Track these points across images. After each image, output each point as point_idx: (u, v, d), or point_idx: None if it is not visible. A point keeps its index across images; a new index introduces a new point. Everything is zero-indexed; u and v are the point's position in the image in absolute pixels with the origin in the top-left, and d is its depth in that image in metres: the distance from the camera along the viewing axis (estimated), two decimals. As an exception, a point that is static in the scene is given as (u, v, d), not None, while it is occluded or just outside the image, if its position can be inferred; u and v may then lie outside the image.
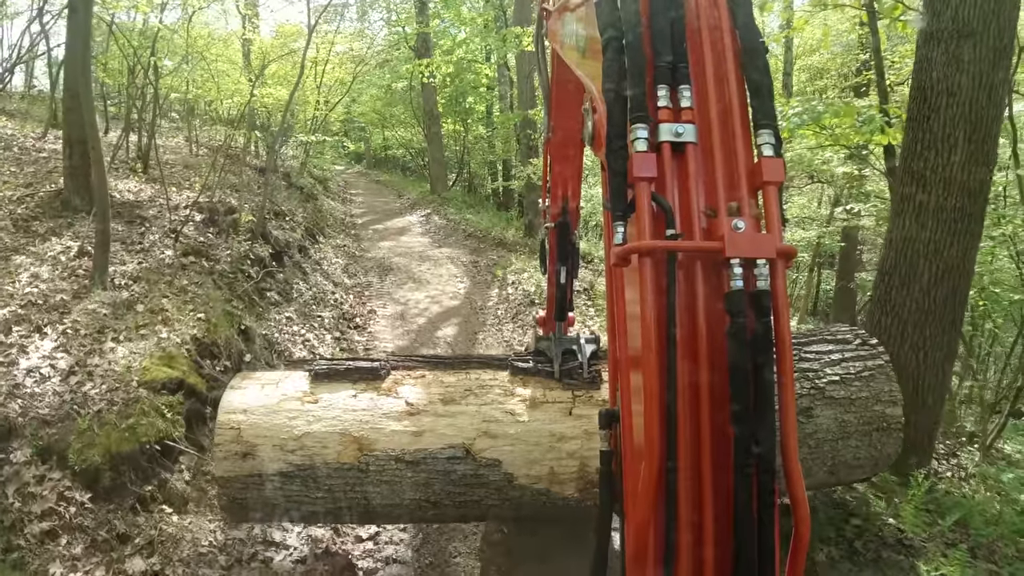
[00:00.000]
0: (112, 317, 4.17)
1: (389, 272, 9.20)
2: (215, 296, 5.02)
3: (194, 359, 4.15)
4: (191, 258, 5.52)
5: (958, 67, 3.65)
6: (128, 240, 5.39)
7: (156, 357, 3.90)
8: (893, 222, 4.12)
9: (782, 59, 12.59)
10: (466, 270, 9.53)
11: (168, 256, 5.34)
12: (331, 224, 11.08)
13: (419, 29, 14.83)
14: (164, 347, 4.02)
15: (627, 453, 1.48)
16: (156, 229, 5.74)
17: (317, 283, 7.45)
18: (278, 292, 6.36)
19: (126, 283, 4.68)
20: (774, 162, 1.37)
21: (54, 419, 3.28)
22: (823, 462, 3.09)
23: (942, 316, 3.92)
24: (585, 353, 3.11)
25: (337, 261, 9.06)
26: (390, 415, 2.88)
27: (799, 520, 1.29)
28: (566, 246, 3.31)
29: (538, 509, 2.94)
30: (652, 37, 1.46)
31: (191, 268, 5.33)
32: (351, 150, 25.49)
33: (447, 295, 8.33)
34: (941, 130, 3.74)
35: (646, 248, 1.31)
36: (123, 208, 5.93)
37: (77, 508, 3.03)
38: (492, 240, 11.26)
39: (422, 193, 16.60)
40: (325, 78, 11.79)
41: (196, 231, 6.09)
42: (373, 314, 7.46)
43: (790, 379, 1.32)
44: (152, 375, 3.74)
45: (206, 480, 3.58)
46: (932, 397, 4.04)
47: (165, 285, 4.82)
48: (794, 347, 2.78)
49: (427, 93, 15.96)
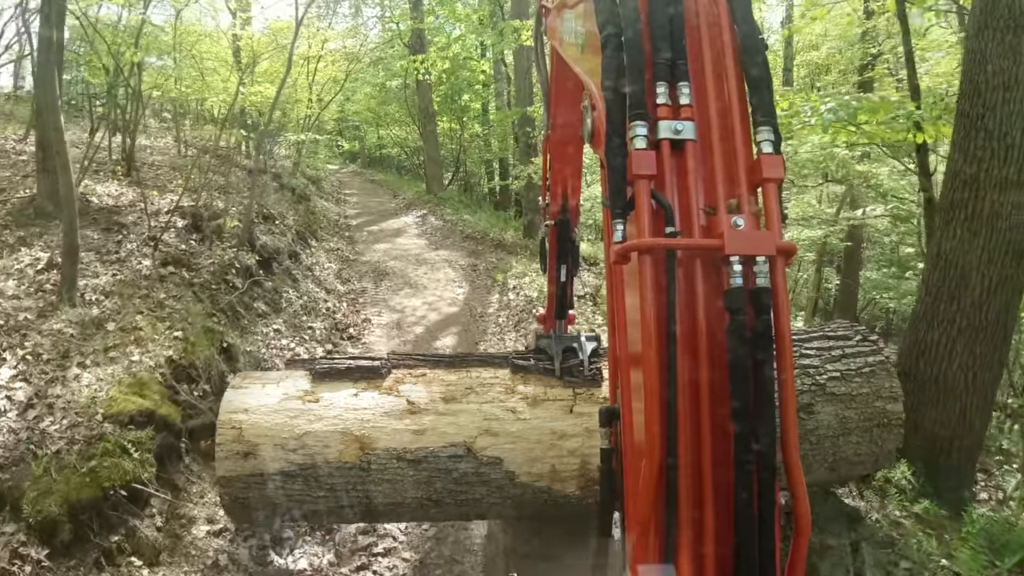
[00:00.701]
0: (79, 338, 3.83)
1: (384, 277, 8.90)
2: (195, 310, 4.69)
3: (169, 384, 3.80)
4: (170, 268, 5.15)
5: (1016, 59, 3.39)
6: (103, 249, 5.06)
7: (125, 385, 3.54)
8: (941, 231, 3.82)
9: (782, 55, 12.52)
10: (465, 274, 9.26)
11: (145, 267, 5.00)
12: (324, 226, 10.82)
13: (414, 25, 14.54)
14: (135, 372, 3.67)
15: (628, 451, 1.48)
16: (135, 237, 5.42)
17: (308, 291, 7.18)
18: (266, 302, 5.99)
19: (97, 298, 4.33)
20: (773, 159, 1.37)
21: (7, 462, 2.95)
22: (824, 458, 3.09)
23: (994, 332, 3.65)
24: (586, 351, 3.11)
25: (330, 266, 8.77)
26: (391, 414, 2.88)
27: (799, 516, 1.29)
28: (566, 244, 3.31)
29: (539, 507, 2.94)
30: (651, 34, 1.45)
31: (170, 280, 4.99)
32: (346, 149, 25.45)
33: (445, 301, 8.07)
34: (997, 128, 3.46)
35: (645, 246, 1.31)
36: (100, 214, 5.60)
37: (33, 567, 2.68)
38: (491, 242, 11.01)
39: (418, 193, 16.32)
40: (318, 76, 11.59)
41: (177, 238, 5.75)
42: (368, 323, 7.18)
43: (790, 376, 1.32)
44: (119, 406, 3.38)
45: (180, 525, 3.30)
46: (979, 419, 3.80)
47: (140, 300, 4.49)
48: (794, 344, 2.78)
49: (422, 91, 15.72)
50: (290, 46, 7.00)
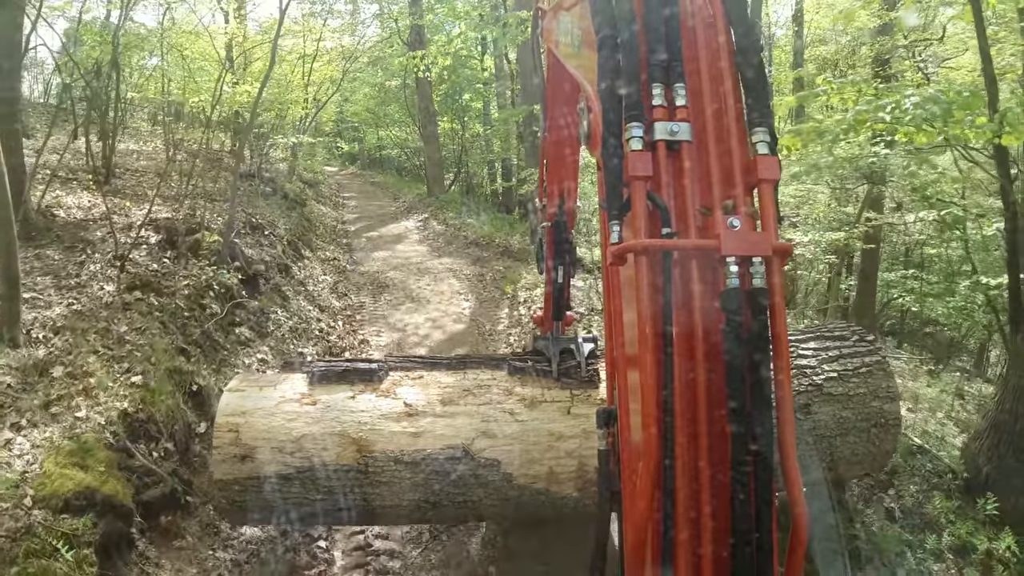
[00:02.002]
0: (17, 389, 3.17)
1: (384, 290, 8.30)
2: (161, 346, 3.99)
3: (121, 445, 3.15)
4: (136, 294, 4.44)
5: None
6: (62, 273, 4.40)
7: (64, 453, 2.87)
8: None
9: (792, 49, 11.97)
10: (470, 285, 8.60)
11: (107, 293, 4.31)
12: (320, 233, 10.36)
13: (413, 22, 13.85)
14: (79, 433, 3.02)
15: (625, 452, 1.48)
16: (100, 256, 4.78)
17: (300, 309, 6.53)
18: (250, 327, 5.32)
19: (46, 336, 3.64)
20: (769, 160, 1.37)
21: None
22: (821, 459, 3.10)
23: None
24: (583, 352, 3.11)
25: (325, 279, 8.16)
26: (389, 416, 2.88)
27: (796, 517, 1.29)
28: (563, 245, 3.31)
29: (537, 508, 2.94)
30: (647, 35, 1.46)
31: (135, 308, 4.28)
32: (345, 151, 25.32)
33: (450, 317, 7.47)
34: None
35: (642, 247, 1.31)
36: (65, 230, 4.98)
37: None
38: (496, 248, 10.36)
39: (419, 195, 15.82)
40: (314, 76, 11.19)
41: (149, 256, 5.07)
42: (365, 345, 6.61)
43: (787, 376, 1.32)
44: (54, 485, 2.71)
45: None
46: None
47: (97, 335, 3.80)
48: (791, 344, 2.79)
49: (422, 90, 15.17)
50: (274, 39, 6.56)
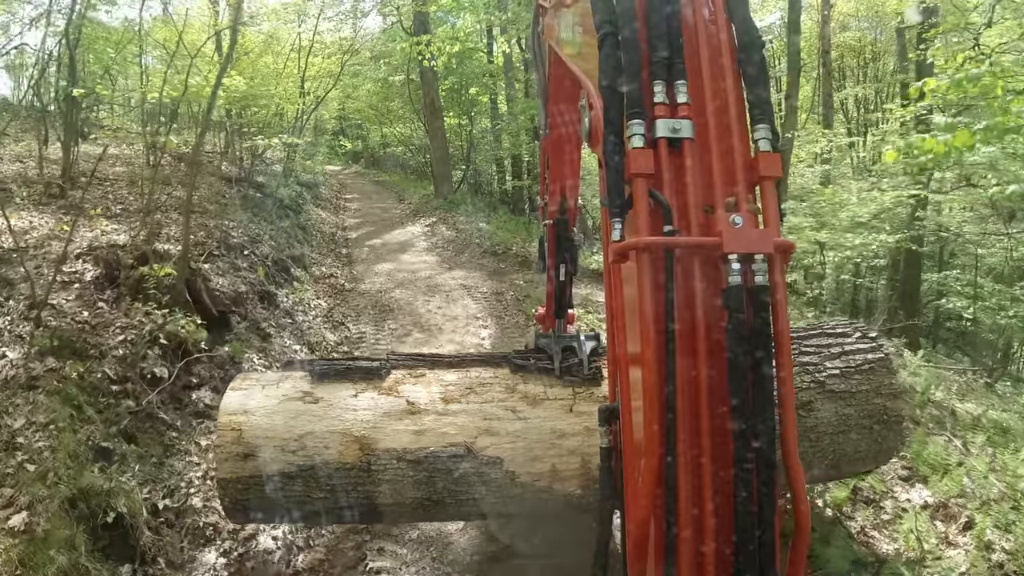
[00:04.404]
0: None
1: (388, 315, 7.12)
2: (69, 445, 2.84)
3: None
4: (50, 361, 3.23)
5: None
6: None
7: None
8: None
9: (819, 36, 11.66)
10: (488, 307, 7.35)
11: (10, 362, 3.18)
12: (316, 244, 9.40)
13: (416, 8, 13.08)
14: None
15: (627, 449, 1.48)
16: (15, 304, 3.60)
17: (285, 350, 5.30)
18: (213, 387, 4.03)
19: None
20: (771, 157, 1.37)
21: None
22: (824, 456, 3.09)
23: None
24: (585, 350, 3.11)
25: (318, 304, 7.03)
26: (391, 414, 2.88)
27: (799, 514, 1.29)
28: (565, 243, 3.32)
29: (540, 506, 2.94)
30: (648, 32, 1.45)
31: (45, 384, 3.12)
32: (348, 149, 25.04)
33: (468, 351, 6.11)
34: None
35: (644, 244, 1.31)
36: None
37: None
38: (514, 258, 9.13)
39: (425, 196, 14.87)
40: (310, 70, 10.78)
41: (79, 300, 3.88)
42: None
43: (789, 373, 1.32)
44: None
45: None
46: None
47: None
48: (793, 341, 2.78)
49: (427, 84, 14.23)
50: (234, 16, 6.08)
